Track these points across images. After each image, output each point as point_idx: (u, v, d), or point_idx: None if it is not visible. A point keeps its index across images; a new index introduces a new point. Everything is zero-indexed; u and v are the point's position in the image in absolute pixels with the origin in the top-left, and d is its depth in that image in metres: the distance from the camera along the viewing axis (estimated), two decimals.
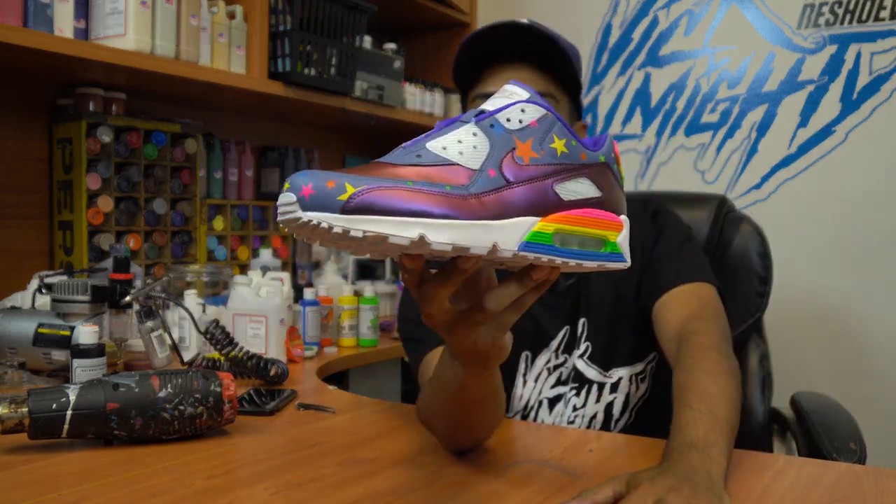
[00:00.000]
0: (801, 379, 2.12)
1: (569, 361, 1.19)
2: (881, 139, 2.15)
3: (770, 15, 2.29)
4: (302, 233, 0.54)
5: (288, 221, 0.54)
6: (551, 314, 1.19)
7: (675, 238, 1.17)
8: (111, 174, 1.80)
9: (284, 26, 1.90)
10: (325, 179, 0.53)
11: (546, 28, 1.11)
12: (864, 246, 2.17)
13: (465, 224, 0.54)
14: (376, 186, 0.53)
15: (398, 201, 0.53)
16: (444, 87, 2.60)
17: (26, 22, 1.45)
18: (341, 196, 0.52)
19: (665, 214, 1.21)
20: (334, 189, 0.52)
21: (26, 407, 0.87)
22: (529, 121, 0.60)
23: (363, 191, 0.52)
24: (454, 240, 0.54)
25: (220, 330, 1.29)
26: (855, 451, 1.19)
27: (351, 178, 0.53)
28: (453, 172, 0.56)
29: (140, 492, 0.77)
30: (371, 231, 0.52)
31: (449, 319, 0.64)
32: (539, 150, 0.59)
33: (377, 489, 0.79)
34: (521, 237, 0.57)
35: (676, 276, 1.10)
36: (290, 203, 0.53)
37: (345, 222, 0.52)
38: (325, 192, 0.52)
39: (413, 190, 0.54)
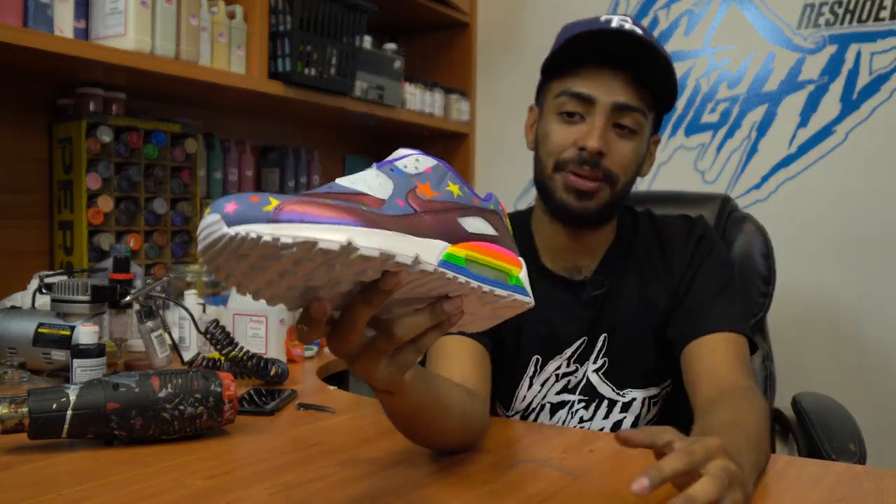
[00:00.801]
0: (802, 379, 2.12)
1: (579, 371, 1.16)
2: (881, 139, 2.15)
3: (770, 15, 2.29)
4: (225, 253, 0.53)
5: (213, 242, 0.52)
6: (570, 321, 1.15)
7: (719, 275, 1.12)
8: (111, 174, 1.80)
9: (284, 26, 1.90)
10: (247, 196, 0.53)
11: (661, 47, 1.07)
12: (865, 246, 2.17)
13: (390, 233, 0.56)
14: (299, 200, 0.54)
15: (323, 213, 0.54)
16: (444, 87, 2.60)
17: (26, 22, 1.45)
18: (267, 207, 0.53)
19: (710, 243, 1.15)
20: (259, 202, 0.53)
21: (26, 407, 0.87)
22: (424, 167, 0.64)
23: (288, 201, 0.53)
24: (381, 245, 0.55)
25: (220, 330, 1.29)
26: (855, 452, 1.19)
27: (273, 195, 0.54)
28: (365, 199, 0.59)
29: (140, 492, 0.77)
30: (300, 236, 0.52)
31: (356, 348, 0.64)
32: (438, 190, 0.63)
33: (377, 489, 0.79)
34: (438, 256, 0.59)
35: (720, 322, 1.06)
36: (213, 222, 0.52)
37: (273, 229, 0.52)
38: (250, 205, 0.52)
39: (334, 205, 0.55)
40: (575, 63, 1.08)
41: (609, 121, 1.06)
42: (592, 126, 1.06)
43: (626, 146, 1.07)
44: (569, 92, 1.08)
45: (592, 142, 1.04)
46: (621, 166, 1.07)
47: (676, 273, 1.14)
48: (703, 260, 1.14)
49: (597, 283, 1.15)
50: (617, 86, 1.06)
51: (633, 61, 1.06)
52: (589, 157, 1.05)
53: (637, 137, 1.08)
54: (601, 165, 1.06)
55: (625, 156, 1.07)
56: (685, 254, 1.14)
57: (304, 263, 0.55)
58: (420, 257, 0.57)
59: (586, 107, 1.07)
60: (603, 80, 1.06)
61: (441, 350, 1.06)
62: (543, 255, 1.18)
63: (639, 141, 1.09)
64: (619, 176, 1.08)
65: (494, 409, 1.21)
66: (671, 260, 1.15)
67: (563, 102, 1.08)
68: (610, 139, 1.06)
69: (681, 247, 1.15)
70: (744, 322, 1.09)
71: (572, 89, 1.07)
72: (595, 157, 1.05)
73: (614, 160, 1.07)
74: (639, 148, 1.10)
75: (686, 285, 1.12)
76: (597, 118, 1.06)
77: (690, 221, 1.19)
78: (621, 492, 0.79)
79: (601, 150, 1.05)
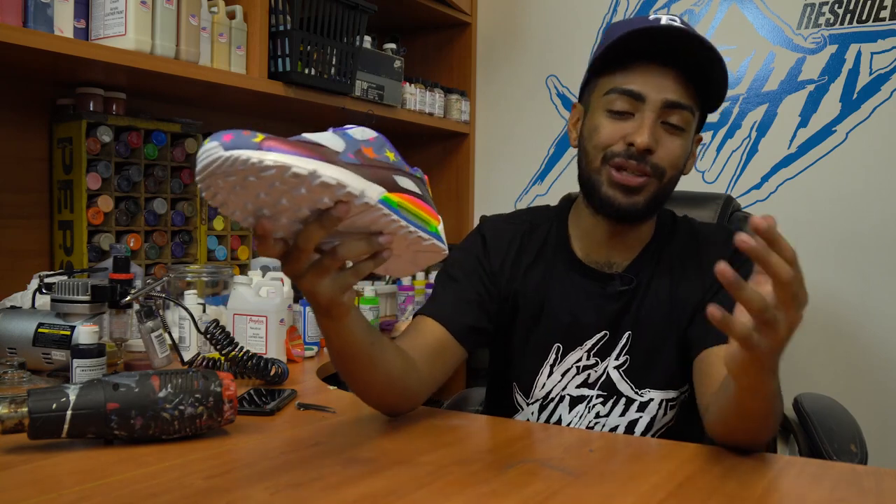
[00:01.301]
0: (803, 380, 2.12)
1: (600, 366, 1.16)
2: (881, 139, 2.15)
3: (770, 15, 2.29)
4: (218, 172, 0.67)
5: (210, 162, 0.66)
6: (592, 312, 1.15)
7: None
8: (111, 174, 1.80)
9: (284, 26, 1.90)
10: (240, 130, 0.68)
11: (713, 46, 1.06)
12: (865, 245, 2.17)
13: (345, 170, 0.71)
14: (279, 139, 0.69)
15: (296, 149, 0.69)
16: (443, 87, 2.60)
17: (26, 22, 1.45)
18: (255, 139, 0.67)
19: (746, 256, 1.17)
20: (250, 135, 0.67)
21: (26, 407, 0.87)
22: (368, 136, 0.79)
23: (271, 138, 0.68)
24: (339, 177, 0.70)
25: (220, 330, 1.29)
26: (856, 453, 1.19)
27: (261, 132, 0.69)
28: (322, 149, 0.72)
29: (140, 492, 0.76)
30: (280, 161, 0.67)
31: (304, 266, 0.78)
32: (378, 153, 0.78)
33: (377, 489, 0.79)
34: (378, 195, 0.74)
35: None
36: (212, 147, 0.66)
37: (259, 154, 0.66)
38: (243, 136, 0.67)
39: (305, 145, 0.70)
40: (624, 61, 1.09)
41: (658, 118, 1.07)
42: (642, 122, 1.06)
43: (673, 142, 1.09)
44: (619, 89, 1.08)
45: (642, 138, 1.05)
46: (669, 162, 1.09)
47: (708, 276, 1.13)
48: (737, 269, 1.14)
49: (626, 278, 1.16)
50: (667, 83, 1.07)
51: (683, 59, 1.06)
52: (637, 153, 1.07)
53: (684, 135, 1.10)
54: (648, 161, 1.07)
55: (672, 151, 1.08)
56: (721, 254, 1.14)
57: (277, 186, 0.69)
58: (365, 192, 0.73)
59: (636, 104, 1.08)
60: (653, 77, 1.07)
61: (412, 326, 1.14)
62: (576, 246, 1.19)
63: (686, 138, 1.10)
64: (666, 170, 1.09)
65: (514, 398, 1.22)
66: (705, 262, 1.15)
67: (613, 100, 1.09)
68: (658, 136, 1.07)
69: (716, 251, 1.13)
70: None
71: (623, 86, 1.08)
72: (643, 154, 1.07)
73: (662, 156, 1.08)
74: (685, 144, 1.11)
75: (715, 290, 1.11)
76: (646, 115, 1.07)
77: (726, 228, 1.20)
78: (621, 492, 0.79)
79: (650, 148, 1.06)
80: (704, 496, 0.78)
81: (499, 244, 1.21)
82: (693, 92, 1.08)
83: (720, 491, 0.80)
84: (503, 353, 1.23)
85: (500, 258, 1.20)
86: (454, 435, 1.00)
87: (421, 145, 2.78)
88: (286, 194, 0.70)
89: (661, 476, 0.84)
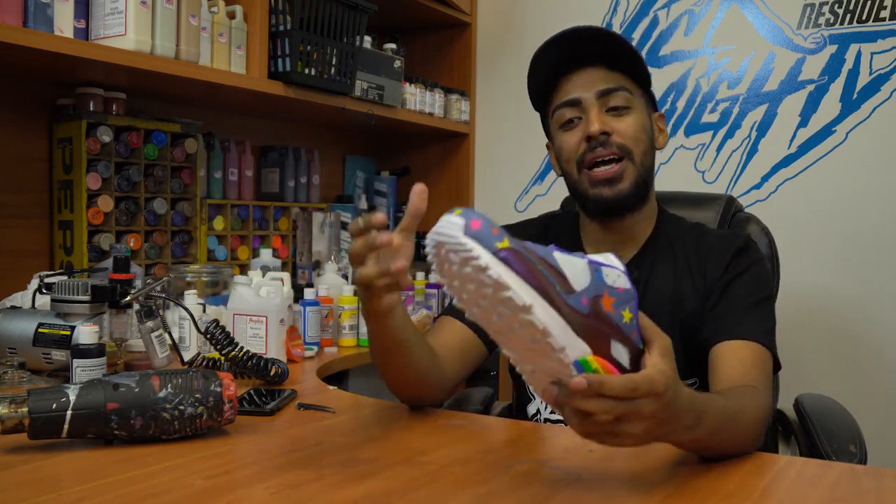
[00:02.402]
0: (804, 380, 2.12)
1: None
2: (881, 139, 2.15)
3: (770, 15, 2.29)
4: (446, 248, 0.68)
5: (447, 236, 0.68)
6: None
7: (757, 288, 1.14)
8: (111, 174, 1.80)
9: (284, 26, 1.90)
10: (493, 225, 0.69)
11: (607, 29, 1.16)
12: (865, 245, 2.17)
13: (562, 323, 0.69)
14: (522, 256, 0.69)
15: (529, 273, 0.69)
16: (443, 87, 2.60)
17: (26, 22, 1.45)
18: (498, 243, 0.68)
19: (752, 256, 1.17)
20: (497, 236, 0.68)
21: (26, 407, 0.87)
22: (619, 286, 0.74)
23: (512, 248, 0.68)
24: (548, 325, 0.69)
25: (220, 330, 1.29)
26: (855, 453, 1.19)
27: (509, 237, 0.69)
28: (563, 280, 0.71)
29: (140, 492, 0.77)
30: (501, 279, 0.67)
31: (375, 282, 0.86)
32: (615, 309, 0.73)
33: (377, 489, 0.79)
34: (578, 356, 0.70)
35: (747, 331, 1.08)
36: (455, 224, 0.68)
37: (488, 261, 0.67)
38: (490, 233, 0.68)
39: (540, 272, 0.69)
40: (552, 84, 1.18)
41: (601, 108, 1.14)
42: (588, 117, 1.14)
43: (624, 121, 1.15)
44: (559, 105, 1.17)
45: (592, 126, 1.13)
46: (630, 137, 1.14)
47: (710, 278, 1.15)
48: (741, 272, 1.15)
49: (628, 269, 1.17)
50: (593, 78, 1.15)
51: (596, 55, 1.15)
52: (597, 141, 1.13)
53: (632, 112, 1.16)
54: (612, 143, 1.13)
55: (628, 127, 1.14)
56: (722, 262, 1.16)
57: (486, 293, 0.69)
58: (566, 349, 0.70)
59: (578, 108, 1.16)
60: (579, 81, 1.16)
61: (436, 325, 1.22)
62: (586, 246, 1.25)
63: (635, 115, 1.16)
64: (631, 147, 1.14)
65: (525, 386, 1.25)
66: (707, 265, 1.17)
67: (560, 116, 1.17)
68: (607, 120, 1.14)
69: (719, 254, 1.17)
70: (770, 338, 1.11)
71: (560, 101, 1.17)
72: (603, 138, 1.13)
73: (620, 133, 1.14)
74: (640, 120, 1.16)
75: (719, 293, 1.14)
76: (590, 111, 1.14)
77: (734, 235, 1.22)
78: (621, 492, 0.79)
79: (604, 130, 1.13)
80: (704, 496, 0.78)
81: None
82: (622, 75, 1.16)
83: (720, 491, 0.80)
84: None
85: None
86: (454, 435, 1.00)
87: (421, 145, 2.78)
88: (493, 306, 0.70)
89: (661, 476, 0.84)
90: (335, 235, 2.35)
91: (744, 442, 0.91)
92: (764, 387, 1.02)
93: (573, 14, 2.53)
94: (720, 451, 0.88)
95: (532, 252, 0.70)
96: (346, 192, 2.71)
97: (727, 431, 0.86)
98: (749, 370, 1.04)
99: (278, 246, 2.31)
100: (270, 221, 2.29)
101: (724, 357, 1.06)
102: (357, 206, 2.58)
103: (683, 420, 0.77)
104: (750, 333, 1.08)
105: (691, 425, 0.79)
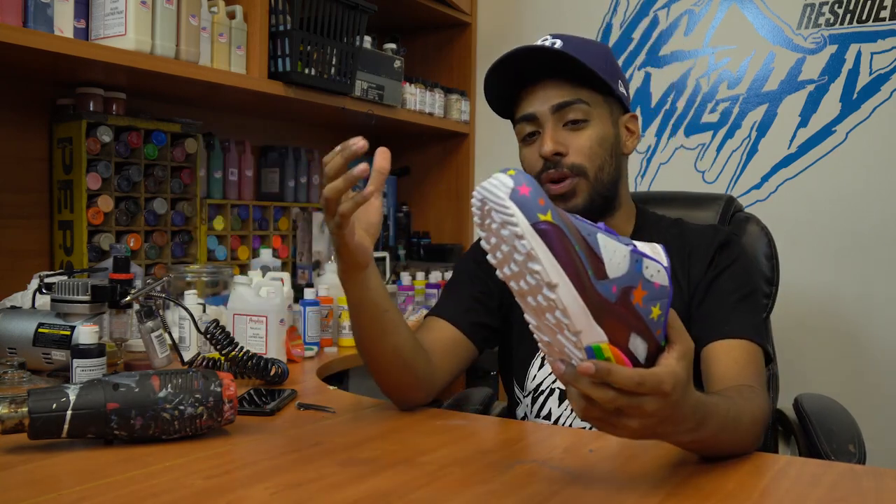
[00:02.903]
0: (804, 380, 2.12)
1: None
2: (881, 139, 2.15)
3: (770, 15, 2.29)
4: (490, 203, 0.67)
5: (490, 193, 0.67)
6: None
7: (742, 283, 1.14)
8: (111, 174, 1.80)
9: (284, 26, 1.90)
10: (541, 195, 0.67)
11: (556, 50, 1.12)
12: (865, 246, 2.17)
13: (582, 304, 0.68)
14: (562, 232, 0.67)
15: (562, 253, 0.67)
16: (443, 87, 2.60)
17: (26, 22, 1.45)
18: (541, 215, 0.66)
19: (734, 250, 1.17)
20: (542, 207, 0.67)
21: (26, 407, 0.87)
22: (655, 281, 0.73)
23: (554, 222, 0.67)
24: (569, 305, 0.68)
25: (220, 330, 1.29)
26: (854, 453, 1.19)
27: (554, 209, 0.67)
28: (599, 265, 0.70)
29: (140, 492, 0.77)
30: (534, 252, 0.66)
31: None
32: (645, 303, 0.72)
33: (377, 489, 0.79)
34: (592, 341, 0.70)
35: (737, 329, 1.08)
36: (505, 185, 0.66)
37: (525, 231, 0.66)
38: (535, 203, 0.66)
39: (575, 252, 0.68)
40: (514, 97, 1.19)
41: (557, 123, 1.14)
42: (543, 136, 1.14)
43: (580, 137, 1.14)
44: (518, 119, 1.18)
45: (544, 148, 1.13)
46: (583, 156, 1.14)
47: (694, 276, 1.16)
48: (725, 267, 1.15)
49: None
50: (549, 92, 1.14)
51: (552, 68, 1.14)
52: (551, 161, 1.13)
53: (590, 125, 1.15)
54: (564, 164, 1.13)
55: (581, 146, 1.14)
56: (705, 259, 1.16)
57: (517, 259, 0.68)
58: (582, 334, 0.69)
59: (536, 123, 1.16)
60: (536, 94, 1.15)
61: (423, 325, 1.21)
62: None
63: (594, 127, 1.15)
64: (585, 165, 1.14)
65: (513, 389, 1.27)
66: (691, 262, 1.17)
67: (521, 129, 1.18)
68: (563, 138, 1.14)
69: (702, 251, 1.17)
70: (760, 333, 1.10)
71: (518, 115, 1.18)
72: (556, 159, 1.13)
73: (574, 154, 1.14)
74: (597, 132, 1.15)
75: (704, 290, 1.14)
76: (546, 127, 1.14)
77: (715, 229, 1.22)
78: (621, 492, 0.79)
79: (557, 151, 1.13)
80: (704, 496, 0.78)
81: None
82: (580, 84, 1.14)
83: (720, 491, 0.80)
84: (506, 348, 1.28)
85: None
86: (454, 435, 1.00)
87: (421, 145, 2.78)
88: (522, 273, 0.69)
89: (661, 476, 0.84)
90: None
91: (744, 442, 0.91)
92: (760, 385, 1.02)
93: (573, 14, 2.54)
94: (721, 452, 0.88)
95: (574, 230, 0.69)
96: None
97: (728, 433, 0.86)
98: (743, 369, 1.04)
99: (278, 246, 2.31)
100: (270, 221, 2.29)
101: (718, 358, 1.06)
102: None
103: (687, 422, 0.78)
104: (740, 331, 1.08)
105: (694, 428, 0.79)
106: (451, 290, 1.26)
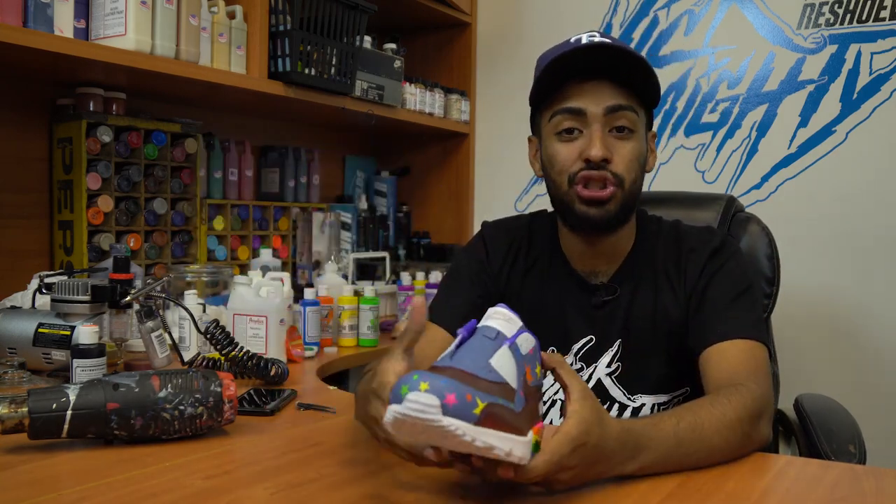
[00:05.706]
0: (804, 380, 2.12)
1: (585, 372, 1.17)
2: (881, 139, 2.15)
3: (770, 15, 2.29)
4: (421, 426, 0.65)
5: (426, 420, 0.64)
6: (579, 319, 1.18)
7: (735, 283, 1.13)
8: (111, 174, 1.80)
9: (284, 26, 1.90)
10: (464, 392, 0.65)
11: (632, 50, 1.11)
12: (865, 245, 2.17)
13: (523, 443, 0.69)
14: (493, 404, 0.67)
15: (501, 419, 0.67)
16: (443, 87, 2.60)
17: (26, 22, 1.45)
18: (475, 410, 0.65)
19: (727, 253, 1.16)
20: (471, 403, 0.65)
21: (26, 407, 0.87)
22: (528, 349, 0.74)
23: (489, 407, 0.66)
24: (520, 454, 0.69)
25: (220, 330, 1.29)
26: (854, 453, 1.19)
27: (479, 394, 0.66)
28: (508, 390, 0.70)
29: (140, 492, 0.77)
30: (489, 442, 0.66)
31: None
32: (533, 375, 0.74)
33: (377, 489, 0.79)
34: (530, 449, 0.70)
35: (732, 329, 1.07)
36: (432, 406, 0.64)
37: (475, 433, 0.65)
38: (465, 403, 0.65)
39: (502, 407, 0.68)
40: (558, 86, 1.12)
41: (605, 127, 1.10)
42: (592, 136, 1.09)
43: (626, 146, 1.11)
44: (561, 110, 1.11)
45: (595, 151, 1.08)
46: (625, 168, 1.10)
47: (689, 285, 1.15)
48: (716, 271, 1.15)
49: (610, 289, 1.18)
50: (603, 92, 1.10)
51: (611, 69, 1.10)
52: (596, 165, 1.09)
53: (635, 135, 1.12)
54: (608, 169, 1.09)
55: (626, 157, 1.11)
56: (699, 265, 1.15)
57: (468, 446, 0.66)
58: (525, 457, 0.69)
59: (581, 120, 1.10)
60: (588, 91, 1.10)
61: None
62: (567, 256, 1.22)
63: (637, 139, 1.12)
64: (625, 177, 1.11)
65: None
66: (686, 271, 1.16)
67: (559, 122, 1.12)
68: (610, 144, 1.10)
69: (695, 258, 1.16)
70: (757, 328, 1.09)
71: (563, 106, 1.11)
72: (602, 164, 1.09)
73: (618, 163, 1.10)
74: (639, 146, 1.13)
75: (699, 296, 1.13)
76: (594, 128, 1.09)
77: (710, 233, 1.20)
78: (621, 492, 0.79)
79: (606, 157, 1.08)
80: (704, 496, 0.78)
81: (498, 249, 1.24)
82: (630, 92, 1.11)
83: (720, 491, 0.80)
84: None
85: (500, 262, 1.23)
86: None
87: (421, 145, 2.78)
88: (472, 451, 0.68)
89: (660, 476, 0.84)
90: (335, 235, 2.36)
91: (722, 448, 0.88)
92: (757, 379, 1.00)
93: (573, 14, 2.54)
94: (695, 464, 0.86)
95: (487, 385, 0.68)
96: (346, 192, 2.71)
97: (686, 446, 0.85)
98: (736, 368, 1.03)
99: (278, 246, 2.31)
100: (270, 221, 2.29)
101: (711, 362, 1.06)
102: (357, 206, 2.59)
103: (617, 455, 0.79)
104: (734, 331, 1.07)
105: (632, 455, 0.80)
106: (451, 291, 1.24)
